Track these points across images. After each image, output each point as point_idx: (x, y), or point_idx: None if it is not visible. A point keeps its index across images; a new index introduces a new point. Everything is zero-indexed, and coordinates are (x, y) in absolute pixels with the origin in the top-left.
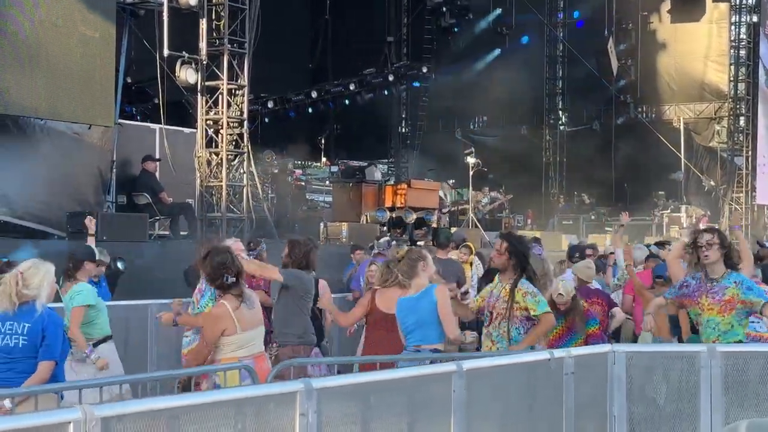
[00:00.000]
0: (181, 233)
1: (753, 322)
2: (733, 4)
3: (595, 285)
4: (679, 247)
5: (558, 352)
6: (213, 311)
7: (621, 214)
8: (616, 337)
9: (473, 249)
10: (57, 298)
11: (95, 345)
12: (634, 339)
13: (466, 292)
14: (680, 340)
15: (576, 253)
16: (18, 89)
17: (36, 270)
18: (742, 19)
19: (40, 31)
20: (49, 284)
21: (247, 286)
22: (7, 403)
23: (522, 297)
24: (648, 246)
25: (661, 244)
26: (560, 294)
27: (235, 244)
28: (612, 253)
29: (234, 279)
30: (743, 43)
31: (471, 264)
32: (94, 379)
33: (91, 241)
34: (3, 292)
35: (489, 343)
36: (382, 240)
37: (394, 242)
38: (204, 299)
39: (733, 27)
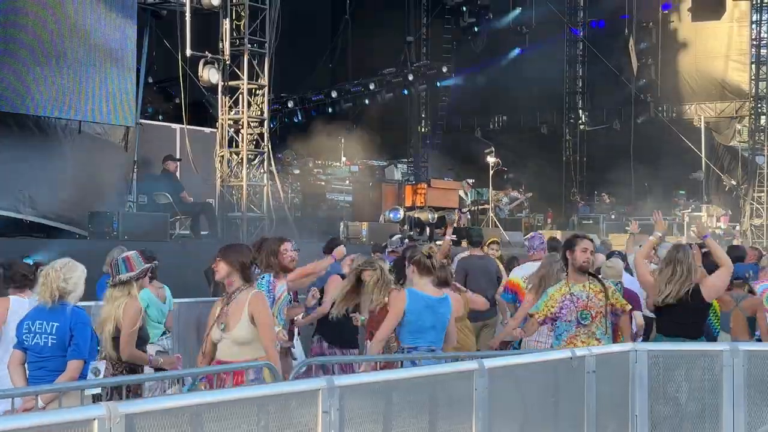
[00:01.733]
0: (202, 232)
1: None
2: (753, 2)
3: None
4: (649, 247)
5: (580, 351)
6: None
7: (631, 222)
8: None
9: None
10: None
11: None
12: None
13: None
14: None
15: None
16: (40, 89)
17: (74, 266)
18: (763, 18)
19: (62, 30)
20: (83, 283)
21: None
22: (39, 402)
23: (612, 294)
24: None
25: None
26: None
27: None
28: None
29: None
30: (764, 42)
31: (501, 259)
32: (118, 377)
33: None
34: (44, 284)
35: (594, 342)
36: (394, 238)
37: (406, 240)
38: None
39: (753, 25)
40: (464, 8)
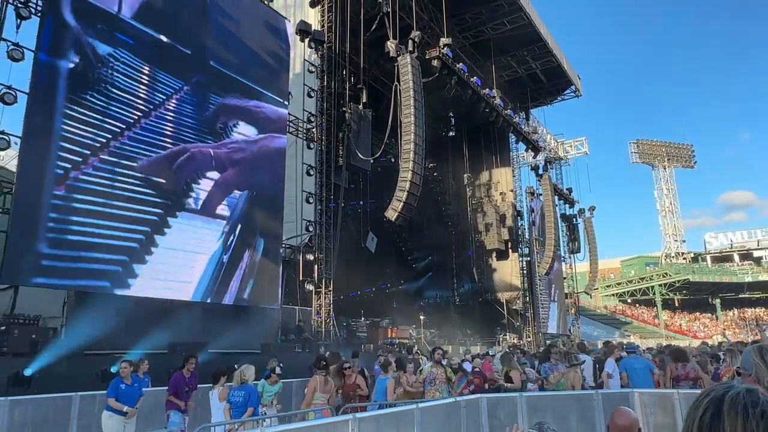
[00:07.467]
0: (306, 350)
1: None
2: (519, 252)
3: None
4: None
5: (468, 397)
6: (312, 379)
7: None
8: None
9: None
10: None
11: None
12: None
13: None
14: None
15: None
16: (247, 290)
17: (249, 367)
18: (524, 260)
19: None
20: (253, 374)
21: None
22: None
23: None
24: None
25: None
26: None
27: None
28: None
29: (323, 364)
30: (524, 270)
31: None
32: (274, 413)
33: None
34: (236, 376)
35: (438, 394)
36: (379, 351)
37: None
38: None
39: (519, 262)
40: None
